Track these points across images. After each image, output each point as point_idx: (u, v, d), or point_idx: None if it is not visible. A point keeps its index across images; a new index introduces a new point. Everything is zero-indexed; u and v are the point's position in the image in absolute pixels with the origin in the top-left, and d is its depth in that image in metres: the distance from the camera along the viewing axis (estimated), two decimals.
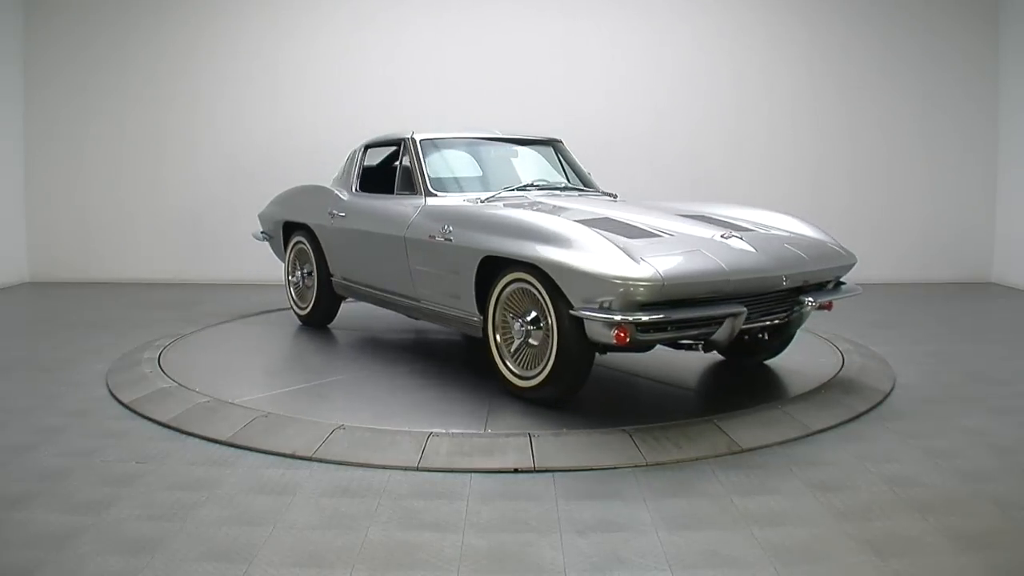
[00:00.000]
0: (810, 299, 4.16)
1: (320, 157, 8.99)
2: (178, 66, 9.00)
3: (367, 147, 5.95)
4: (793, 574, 2.54)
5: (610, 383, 4.80)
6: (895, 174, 9.11)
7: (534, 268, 3.97)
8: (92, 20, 8.96)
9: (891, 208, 9.12)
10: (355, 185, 5.82)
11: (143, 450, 3.66)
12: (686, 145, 8.97)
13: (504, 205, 4.73)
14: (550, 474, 3.37)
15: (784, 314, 4.19)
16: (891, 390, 4.61)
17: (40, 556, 2.62)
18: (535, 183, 5.27)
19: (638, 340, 3.72)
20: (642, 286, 3.58)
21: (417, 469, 3.42)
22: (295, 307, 6.43)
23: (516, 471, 3.40)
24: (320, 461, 3.52)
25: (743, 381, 4.71)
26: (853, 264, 4.51)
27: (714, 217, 4.67)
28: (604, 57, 8.99)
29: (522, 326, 4.13)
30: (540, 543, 2.76)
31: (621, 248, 3.75)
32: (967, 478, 3.32)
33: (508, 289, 4.20)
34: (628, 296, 3.62)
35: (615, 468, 3.44)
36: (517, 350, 4.22)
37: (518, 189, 5.18)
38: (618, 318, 3.60)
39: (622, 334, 3.63)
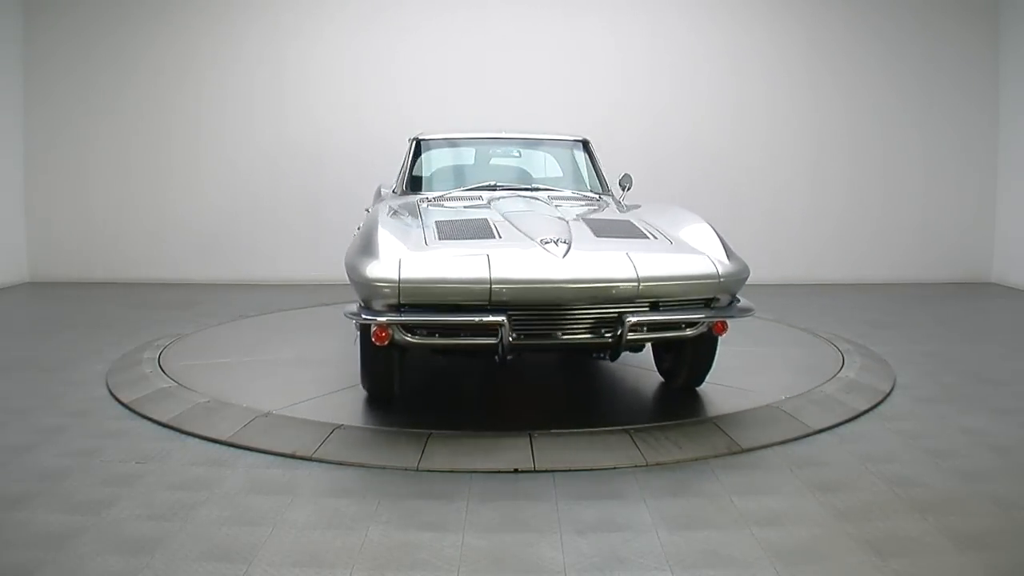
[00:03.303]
0: (630, 318, 3.70)
1: (321, 158, 9.02)
2: (179, 67, 9.00)
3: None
4: (793, 574, 2.54)
5: (610, 383, 4.81)
6: (895, 174, 9.12)
7: None
8: (93, 21, 8.96)
9: (891, 208, 9.12)
10: (401, 186, 5.79)
11: (143, 450, 3.66)
12: (685, 145, 8.97)
13: (428, 204, 4.87)
14: (550, 474, 3.37)
15: (602, 331, 3.80)
16: (891, 390, 4.61)
17: (40, 556, 2.62)
18: (497, 183, 5.29)
19: (411, 343, 3.74)
20: (384, 287, 3.60)
21: (417, 469, 3.42)
22: None
23: (516, 471, 3.40)
24: (320, 461, 3.51)
25: (743, 381, 4.70)
26: (718, 282, 3.86)
27: (600, 220, 4.46)
28: (604, 58, 9.00)
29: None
30: (540, 543, 2.76)
31: (401, 250, 3.76)
32: (967, 478, 3.32)
33: None
34: (377, 296, 3.65)
35: (615, 468, 3.43)
36: None
37: (476, 188, 5.22)
38: (379, 318, 3.64)
39: (381, 334, 3.68)
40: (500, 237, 4.01)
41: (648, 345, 4.47)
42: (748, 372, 4.90)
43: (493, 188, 5.23)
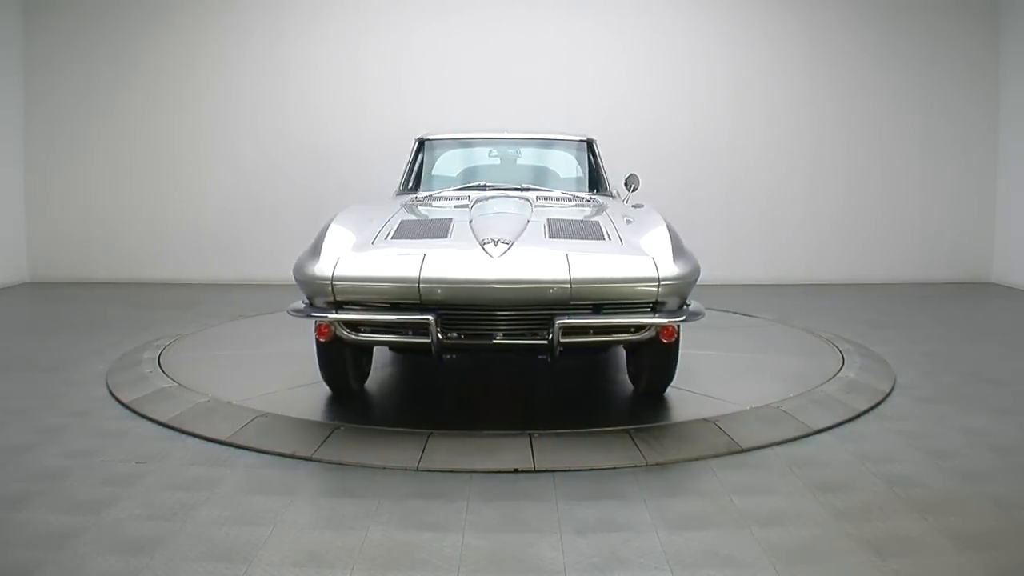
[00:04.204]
0: (560, 321, 3.63)
1: (323, 158, 9.02)
2: (180, 67, 9.01)
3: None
4: (793, 574, 2.54)
5: (610, 383, 4.81)
6: (895, 174, 9.12)
7: None
8: (94, 22, 8.96)
9: (890, 208, 9.12)
10: (403, 185, 5.83)
11: (143, 450, 3.66)
12: (684, 146, 8.97)
13: (416, 203, 5.02)
14: (550, 474, 3.37)
15: (537, 333, 3.73)
16: (891, 390, 4.61)
17: (40, 556, 2.62)
18: (487, 183, 5.36)
19: (353, 340, 3.83)
20: (320, 285, 3.75)
21: (417, 469, 3.42)
22: None
23: (516, 471, 3.40)
24: (320, 461, 3.51)
25: (743, 381, 4.71)
26: (657, 285, 3.70)
27: (565, 221, 4.39)
28: (605, 59, 9.00)
29: None
30: (540, 543, 2.76)
31: (342, 249, 3.86)
32: (967, 478, 3.32)
33: None
34: (317, 294, 3.80)
35: (615, 468, 3.43)
36: None
37: (465, 188, 5.30)
38: (313, 314, 3.78)
39: (323, 330, 3.81)
40: (449, 237, 4.05)
41: (622, 348, 4.44)
42: (748, 372, 4.90)
43: (483, 188, 5.26)
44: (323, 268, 3.76)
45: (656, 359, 4.16)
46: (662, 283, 3.71)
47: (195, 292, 8.30)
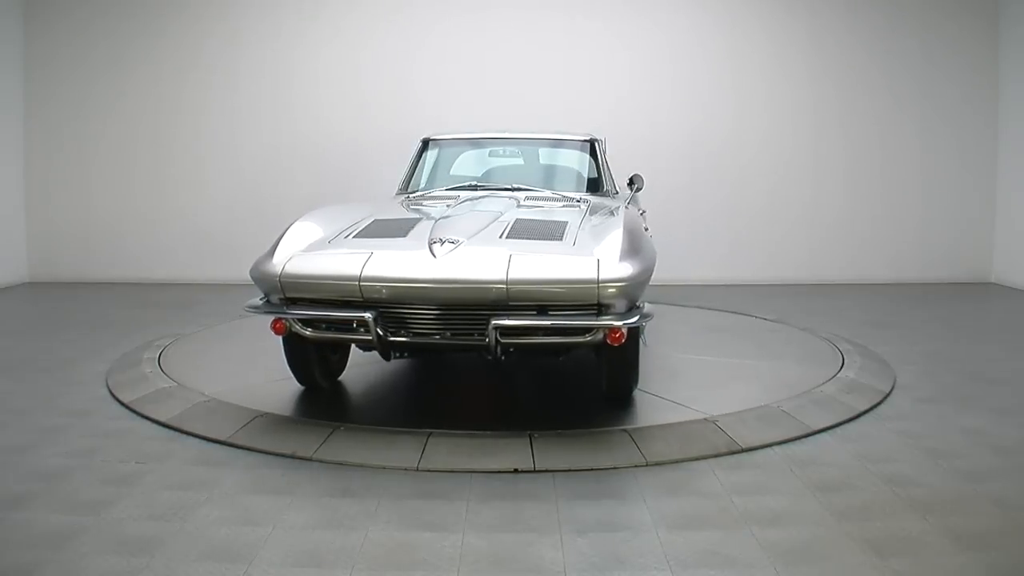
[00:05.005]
0: (496, 321, 3.61)
1: (325, 159, 9.02)
2: (181, 67, 9.00)
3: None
4: (793, 574, 2.54)
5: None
6: (895, 174, 9.11)
7: None
8: (94, 21, 8.95)
9: (891, 208, 9.12)
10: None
11: (143, 450, 3.66)
12: (685, 146, 8.97)
13: (408, 203, 5.09)
14: (550, 474, 3.37)
15: (477, 333, 3.73)
16: (891, 390, 4.61)
17: (40, 556, 2.62)
18: (477, 183, 5.42)
19: (306, 336, 3.95)
20: (270, 282, 3.90)
21: (417, 469, 3.42)
22: None
23: (516, 471, 3.40)
24: (320, 461, 3.51)
25: (743, 381, 4.71)
26: (596, 287, 3.59)
27: (533, 221, 4.34)
28: (606, 59, 9.00)
29: None
30: (540, 543, 2.76)
31: (296, 247, 4.00)
32: (967, 478, 3.32)
33: None
34: (269, 291, 3.96)
35: (615, 468, 3.44)
36: None
37: (455, 188, 5.33)
38: (262, 310, 3.97)
39: (277, 325, 3.95)
40: (406, 237, 4.10)
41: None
42: (747, 372, 4.90)
43: (474, 188, 5.28)
44: (274, 266, 3.91)
45: (612, 362, 4.09)
46: (602, 285, 3.60)
47: (195, 292, 8.30)
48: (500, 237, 4.03)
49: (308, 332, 3.94)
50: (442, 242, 3.85)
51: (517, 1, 8.95)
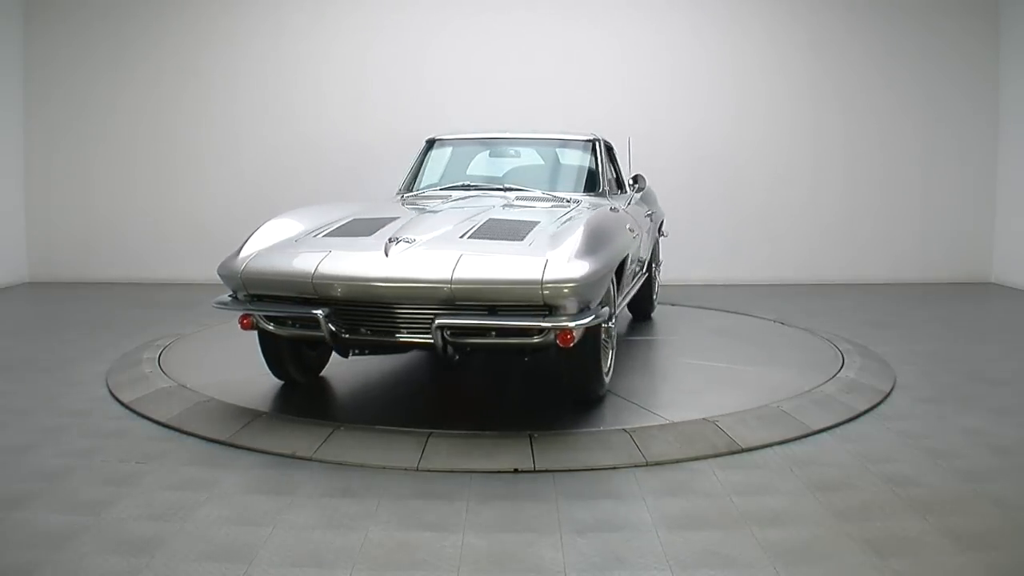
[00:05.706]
0: (439, 320, 3.63)
1: (326, 159, 9.02)
2: (181, 67, 8.99)
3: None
4: (793, 574, 2.54)
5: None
6: (894, 174, 9.11)
7: None
8: (94, 21, 8.95)
9: (890, 208, 9.12)
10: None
11: (143, 450, 3.66)
12: (684, 146, 8.97)
13: (402, 203, 5.16)
14: (550, 474, 3.37)
15: (425, 333, 3.72)
16: (891, 390, 4.61)
17: (40, 556, 2.62)
18: (469, 183, 5.44)
19: (272, 332, 4.06)
20: (232, 278, 4.02)
21: (417, 469, 3.42)
22: None
23: (516, 471, 3.40)
24: (320, 461, 3.51)
25: (742, 381, 4.71)
26: (540, 287, 3.55)
27: (503, 221, 4.32)
28: (606, 59, 9.00)
29: None
30: (540, 543, 2.76)
31: (262, 245, 4.15)
32: (967, 478, 3.32)
33: None
34: (234, 287, 4.07)
35: (615, 468, 3.44)
36: None
37: (448, 188, 5.38)
38: (229, 305, 4.12)
39: (244, 321, 4.08)
40: (371, 236, 4.13)
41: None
42: (747, 372, 4.90)
43: (467, 188, 5.32)
44: (237, 263, 4.03)
45: (569, 364, 4.04)
46: (546, 285, 3.54)
47: (195, 292, 8.28)
48: (461, 237, 4.03)
49: (272, 328, 4.02)
50: (398, 241, 3.90)
51: (520, 3, 8.95)
